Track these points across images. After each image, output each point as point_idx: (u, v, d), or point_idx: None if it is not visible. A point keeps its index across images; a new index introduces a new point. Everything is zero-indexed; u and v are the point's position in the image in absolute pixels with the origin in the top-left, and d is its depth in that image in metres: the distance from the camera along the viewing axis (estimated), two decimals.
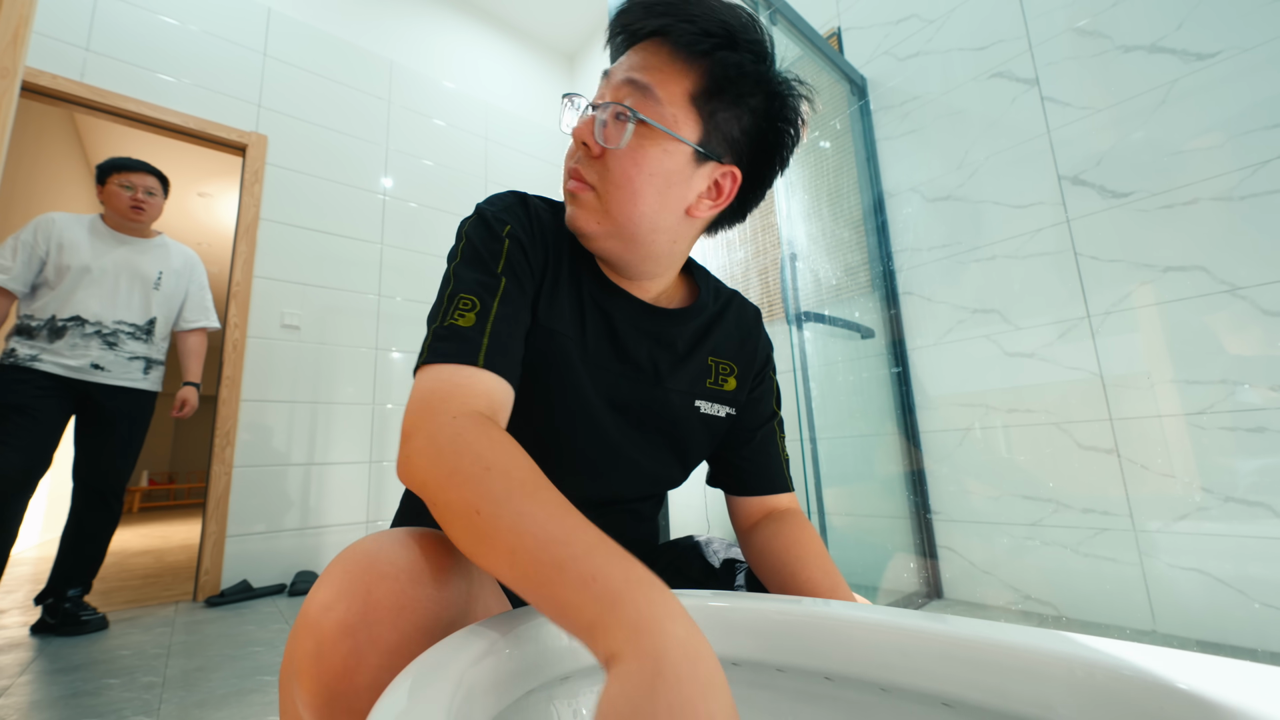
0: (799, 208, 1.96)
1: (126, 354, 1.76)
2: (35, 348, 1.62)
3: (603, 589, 0.28)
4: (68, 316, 1.67)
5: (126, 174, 1.78)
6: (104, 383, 1.71)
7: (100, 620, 1.70)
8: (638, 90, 0.48)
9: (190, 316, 1.95)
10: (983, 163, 1.75)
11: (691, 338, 0.59)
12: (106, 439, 1.73)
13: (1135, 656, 0.28)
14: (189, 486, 7.93)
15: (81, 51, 2.13)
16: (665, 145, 0.48)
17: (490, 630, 0.32)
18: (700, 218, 0.53)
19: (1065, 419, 1.52)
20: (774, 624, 0.39)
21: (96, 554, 1.73)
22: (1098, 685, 0.28)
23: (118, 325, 1.75)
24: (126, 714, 1.12)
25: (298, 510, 2.34)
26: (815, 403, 1.54)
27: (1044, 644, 0.30)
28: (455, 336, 0.43)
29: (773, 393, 0.67)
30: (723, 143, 0.50)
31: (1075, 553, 1.48)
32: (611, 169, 0.48)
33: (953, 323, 1.77)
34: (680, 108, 0.48)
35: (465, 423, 0.38)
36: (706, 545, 0.65)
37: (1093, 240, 1.51)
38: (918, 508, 1.78)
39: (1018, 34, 1.70)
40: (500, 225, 0.51)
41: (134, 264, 1.79)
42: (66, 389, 1.66)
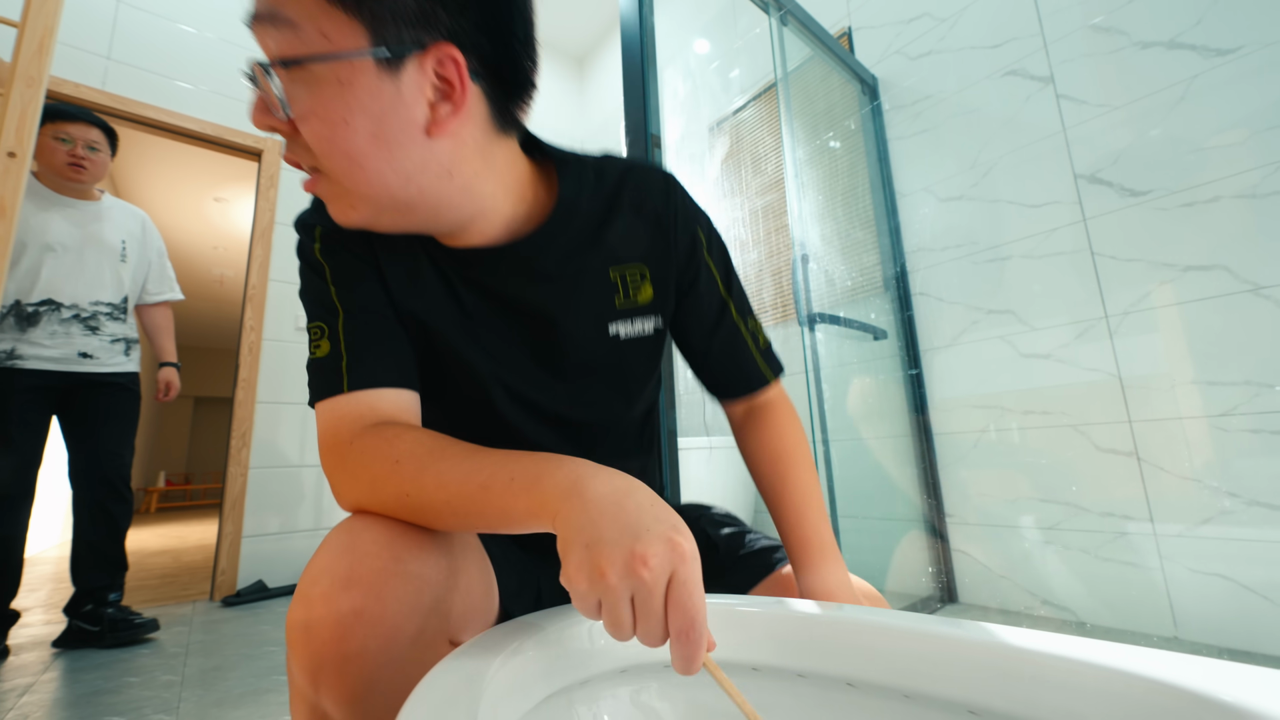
0: (811, 209, 1.95)
1: (109, 337, 1.60)
2: (6, 340, 1.45)
3: (524, 481, 0.33)
4: (38, 300, 1.49)
5: (63, 124, 1.52)
6: (93, 371, 1.57)
7: (153, 623, 1.59)
8: (273, 28, 0.36)
9: (154, 289, 1.77)
10: (997, 162, 1.73)
11: (569, 255, 0.48)
12: (104, 430, 1.60)
13: (1177, 667, 0.28)
14: (205, 487, 8.05)
15: (103, 60, 2.17)
16: (338, 74, 0.35)
17: (512, 633, 0.33)
18: (452, 130, 0.39)
19: (1083, 421, 1.50)
20: (795, 629, 0.38)
21: (121, 551, 1.61)
22: (1136, 697, 0.27)
23: (95, 307, 1.58)
24: (147, 712, 1.13)
25: (311, 511, 2.36)
26: (828, 404, 1.53)
27: (1077, 652, 0.30)
28: (319, 371, 0.44)
29: (715, 278, 0.56)
30: (405, 21, 0.35)
31: (1094, 557, 1.45)
32: (312, 142, 0.38)
33: (967, 324, 1.75)
34: (322, 17, 0.35)
35: (362, 441, 0.40)
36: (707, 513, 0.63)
37: (1110, 239, 1.49)
38: (932, 511, 1.76)
39: (1032, 31, 1.69)
40: (310, 240, 0.47)
41: (95, 234, 1.60)
42: (51, 386, 1.52)
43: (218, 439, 10.01)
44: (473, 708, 0.25)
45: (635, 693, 0.39)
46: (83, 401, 1.58)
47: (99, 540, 1.58)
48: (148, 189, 4.64)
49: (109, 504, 1.59)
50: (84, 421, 1.59)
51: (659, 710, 0.40)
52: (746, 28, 2.68)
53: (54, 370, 1.51)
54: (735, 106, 2.71)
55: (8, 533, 1.46)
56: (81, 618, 1.54)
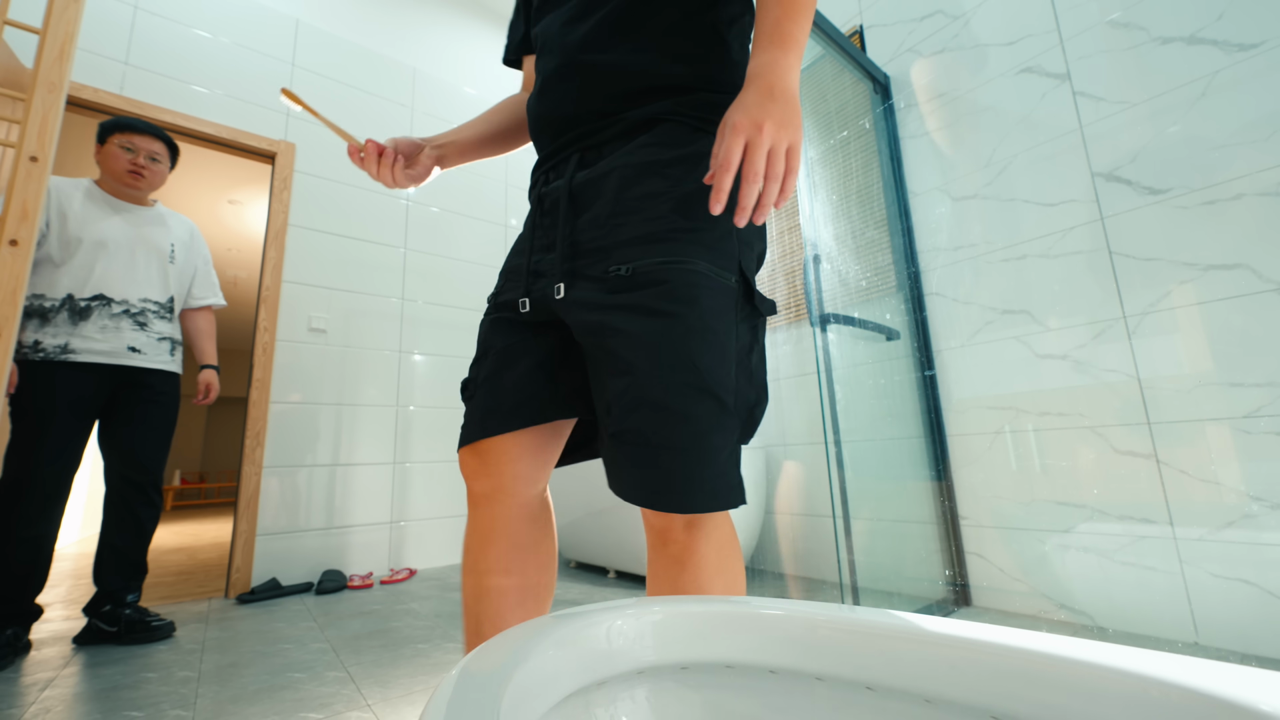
0: (822, 209, 1.94)
1: (156, 335, 1.66)
2: (61, 334, 1.50)
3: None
4: (90, 295, 1.55)
5: (130, 134, 1.64)
6: (141, 366, 1.62)
7: (169, 626, 1.62)
8: None
9: (199, 294, 1.83)
10: (1011, 160, 1.71)
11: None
12: (144, 427, 1.63)
13: (1206, 673, 0.27)
14: (219, 485, 8.16)
15: (121, 65, 2.21)
16: None
17: (529, 634, 0.33)
18: None
19: (1100, 422, 1.47)
20: (813, 631, 0.38)
21: (144, 556, 1.65)
22: (1163, 704, 0.27)
23: (144, 304, 1.64)
24: (164, 708, 1.15)
25: (324, 510, 2.38)
26: (840, 405, 1.52)
27: (1103, 658, 0.29)
28: None
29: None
30: None
31: (1112, 561, 1.43)
32: None
33: (981, 324, 1.73)
34: None
35: None
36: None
37: (1128, 238, 1.47)
38: (945, 513, 1.74)
39: (1048, 28, 1.66)
40: None
41: (146, 235, 1.67)
42: (100, 381, 1.56)
43: (232, 438, 10.15)
44: (494, 709, 0.25)
45: (652, 694, 0.39)
46: (126, 400, 1.62)
47: (124, 545, 1.62)
48: (164, 191, 4.71)
49: (138, 508, 1.63)
50: (126, 421, 1.62)
51: (676, 711, 0.40)
52: None
53: (104, 363, 1.55)
54: None
55: (42, 530, 1.47)
56: (100, 618, 1.58)
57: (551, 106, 0.65)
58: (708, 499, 0.53)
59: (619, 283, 0.57)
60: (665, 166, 0.58)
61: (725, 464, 0.54)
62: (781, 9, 0.54)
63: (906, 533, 1.73)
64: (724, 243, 0.57)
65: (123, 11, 2.25)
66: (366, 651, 1.46)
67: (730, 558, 0.58)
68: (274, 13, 2.63)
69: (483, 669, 0.28)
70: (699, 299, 0.54)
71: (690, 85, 0.61)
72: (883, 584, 1.61)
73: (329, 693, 1.20)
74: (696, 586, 0.55)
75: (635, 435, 0.54)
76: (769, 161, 0.49)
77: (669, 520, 0.56)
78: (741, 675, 0.38)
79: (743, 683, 0.39)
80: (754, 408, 0.59)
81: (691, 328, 0.54)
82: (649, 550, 0.59)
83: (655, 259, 0.56)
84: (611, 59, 0.61)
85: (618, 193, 0.59)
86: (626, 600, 0.38)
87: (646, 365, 0.54)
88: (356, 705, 1.13)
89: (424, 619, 1.76)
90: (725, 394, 0.54)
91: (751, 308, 0.60)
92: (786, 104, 0.51)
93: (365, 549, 2.45)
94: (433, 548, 2.64)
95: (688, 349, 0.53)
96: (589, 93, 0.63)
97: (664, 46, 0.61)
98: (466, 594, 0.67)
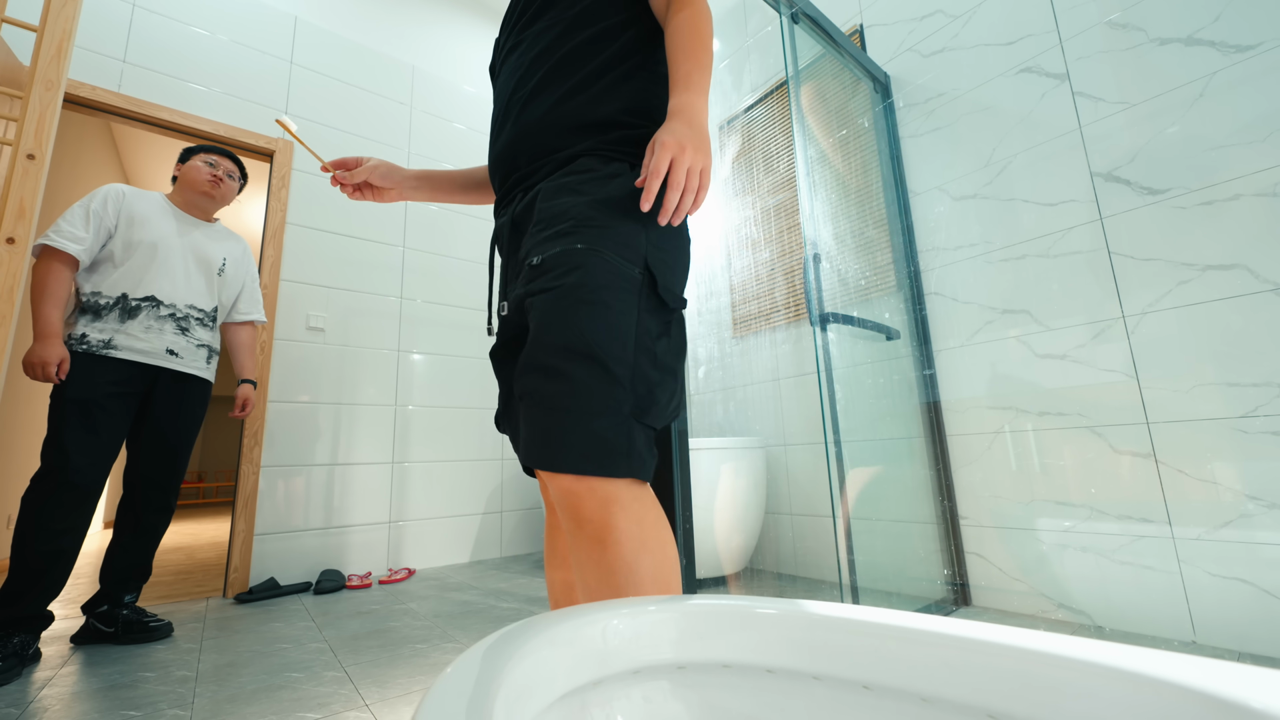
0: (822, 208, 1.94)
1: (195, 341, 1.70)
2: (107, 330, 1.54)
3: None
4: (141, 296, 1.60)
5: (213, 154, 1.79)
6: (176, 369, 1.65)
7: (167, 626, 1.63)
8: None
9: (244, 309, 1.88)
10: (1011, 160, 1.71)
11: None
12: (170, 431, 1.65)
13: (1202, 671, 0.27)
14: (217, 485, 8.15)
15: (119, 63, 2.20)
16: None
17: (525, 633, 0.32)
18: None
19: (1099, 422, 1.48)
20: (810, 631, 0.38)
21: (150, 562, 1.66)
22: (1159, 703, 0.27)
23: (189, 309, 1.69)
24: (162, 707, 1.15)
25: (322, 510, 2.38)
26: (840, 405, 1.52)
27: (1099, 656, 0.29)
28: None
29: None
30: None
31: (1110, 560, 1.43)
32: None
33: (981, 323, 1.73)
34: None
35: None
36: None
37: (1127, 239, 1.47)
38: (945, 513, 1.74)
39: (1047, 28, 1.67)
40: None
41: (200, 246, 1.73)
42: (138, 380, 1.58)
43: (228, 438, 10.13)
44: (488, 708, 0.25)
45: (648, 693, 0.39)
46: (156, 401, 1.64)
47: (134, 550, 1.63)
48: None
49: (152, 515, 1.65)
50: (153, 423, 1.64)
51: (671, 710, 0.39)
52: (758, 26, 2.67)
53: (141, 362, 1.59)
54: (746, 105, 2.70)
55: (72, 524, 1.46)
56: (98, 618, 1.58)
57: (498, 153, 0.78)
58: (585, 461, 0.56)
59: (531, 272, 0.66)
60: (579, 185, 0.68)
61: (607, 429, 0.57)
62: (690, 63, 0.67)
63: (906, 532, 1.73)
64: (630, 239, 0.64)
65: (121, 9, 2.24)
66: (365, 651, 1.46)
67: (654, 534, 0.59)
68: (272, 10, 2.62)
69: (477, 667, 0.28)
70: (586, 270, 0.61)
71: (607, 125, 0.72)
72: (882, 584, 1.61)
73: (327, 692, 1.20)
74: (623, 564, 0.57)
75: (525, 396, 0.61)
76: (688, 176, 0.61)
77: (577, 495, 0.58)
78: (739, 675, 0.38)
79: (740, 682, 0.39)
80: (655, 387, 0.62)
81: (579, 298, 0.60)
82: (568, 537, 0.61)
83: (558, 248, 0.63)
84: (542, 112, 0.73)
85: (540, 209, 0.69)
86: (622, 600, 0.38)
87: (537, 333, 0.62)
88: (354, 705, 1.13)
89: (423, 619, 1.75)
90: (610, 361, 0.59)
91: (659, 301, 0.65)
92: (703, 136, 0.63)
93: (364, 549, 2.45)
94: (431, 548, 2.64)
95: (573, 315, 0.60)
96: (525, 140, 0.74)
97: (585, 97, 0.72)
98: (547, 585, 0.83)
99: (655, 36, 0.78)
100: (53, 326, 1.47)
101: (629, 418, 0.59)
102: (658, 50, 0.78)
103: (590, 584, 0.59)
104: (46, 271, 1.49)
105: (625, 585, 0.57)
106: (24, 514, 1.42)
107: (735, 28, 2.83)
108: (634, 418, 0.60)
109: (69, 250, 1.51)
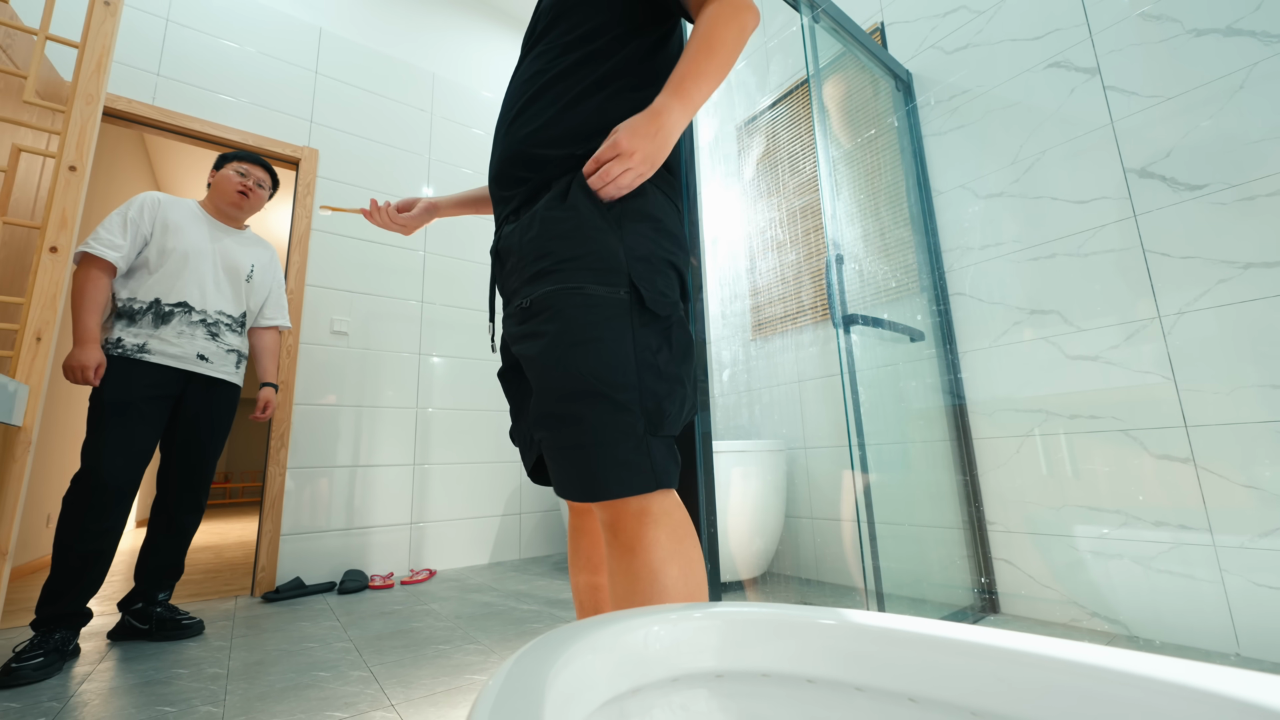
0: (845, 208, 1.92)
1: (225, 346, 1.74)
2: (141, 335, 1.58)
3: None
4: (174, 302, 1.64)
5: (245, 164, 1.82)
6: (206, 374, 1.69)
7: (199, 624, 1.68)
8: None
9: (270, 314, 1.92)
10: (1040, 157, 1.67)
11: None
12: (201, 434, 1.69)
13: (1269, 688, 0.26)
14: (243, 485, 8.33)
15: (153, 76, 2.27)
16: None
17: (568, 639, 0.32)
18: None
19: (1134, 425, 1.43)
20: (853, 641, 0.37)
21: (182, 561, 1.71)
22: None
23: (219, 315, 1.73)
24: (195, 703, 1.17)
25: (345, 510, 2.42)
26: (864, 407, 1.49)
27: (1164, 673, 0.28)
28: None
29: None
30: None
31: (1147, 568, 1.39)
32: None
33: (1008, 324, 1.69)
34: None
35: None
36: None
37: (1163, 236, 1.43)
38: (972, 518, 1.71)
39: (1076, 21, 1.63)
40: None
41: (229, 253, 1.78)
42: (171, 383, 1.62)
43: (254, 439, 10.35)
44: (537, 714, 0.24)
45: (686, 701, 0.39)
46: (188, 405, 1.68)
47: (167, 549, 1.68)
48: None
49: (183, 516, 1.69)
50: (184, 425, 1.68)
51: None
52: (783, 25, 2.66)
53: (173, 367, 1.63)
54: (766, 105, 2.69)
55: (110, 524, 1.50)
56: (133, 615, 1.63)
57: (490, 173, 0.80)
58: (619, 486, 0.61)
59: (522, 315, 0.68)
60: (552, 215, 0.68)
61: (630, 453, 0.61)
62: (690, 68, 0.66)
63: (932, 537, 1.70)
64: (609, 262, 0.65)
65: (155, 24, 2.32)
66: (389, 651, 1.48)
67: (683, 543, 0.63)
68: (298, 22, 2.68)
69: (524, 674, 0.28)
70: (572, 315, 0.63)
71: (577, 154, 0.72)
72: (908, 590, 1.58)
73: (353, 692, 1.21)
74: (649, 571, 0.60)
75: (547, 445, 0.65)
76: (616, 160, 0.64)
77: (614, 513, 0.62)
78: (778, 684, 0.37)
79: (779, 692, 0.38)
80: (663, 400, 0.64)
81: (571, 341, 0.62)
82: (605, 545, 0.65)
83: (545, 288, 0.65)
84: (523, 134, 0.74)
85: (520, 245, 0.71)
86: (662, 606, 0.38)
87: (540, 382, 0.65)
88: (380, 705, 1.14)
89: (445, 620, 1.77)
90: (615, 392, 0.61)
91: (651, 314, 0.65)
92: (659, 145, 0.64)
93: (385, 549, 2.48)
94: (452, 549, 2.66)
95: (569, 360, 0.62)
96: (507, 162, 0.75)
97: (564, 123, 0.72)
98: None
99: (656, 52, 0.77)
100: (91, 332, 1.51)
101: (644, 436, 0.62)
102: (656, 64, 0.77)
103: (619, 590, 0.62)
104: (85, 278, 1.54)
105: (651, 591, 0.60)
106: (65, 515, 1.46)
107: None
108: (649, 434, 0.63)
109: (107, 257, 1.56)
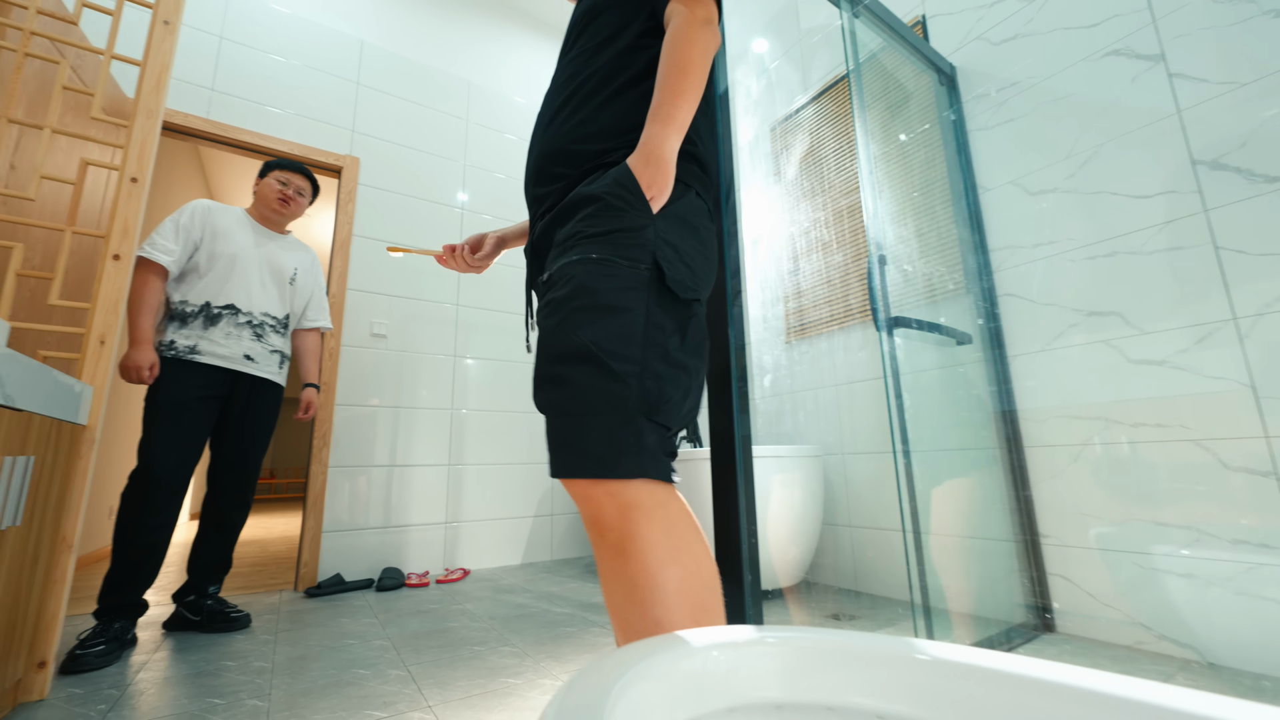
0: (886, 208, 1.86)
1: (269, 347, 1.80)
2: (192, 336, 1.65)
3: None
4: (223, 304, 1.71)
5: (288, 172, 1.88)
6: (253, 374, 1.75)
7: (246, 618, 1.74)
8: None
9: (312, 316, 1.98)
10: (1097, 150, 1.58)
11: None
12: (247, 432, 1.75)
13: None
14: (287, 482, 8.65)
15: (208, 91, 2.38)
16: None
17: (625, 664, 0.31)
18: None
19: (1207, 435, 1.34)
20: (930, 674, 0.35)
21: (230, 554, 1.78)
22: None
23: (264, 317, 1.79)
24: (243, 697, 1.21)
25: (383, 509, 2.47)
26: (908, 413, 1.44)
27: None
28: None
29: None
30: None
31: (1221, 589, 1.29)
32: None
33: (1063, 326, 1.61)
34: None
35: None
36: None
37: (1237, 232, 1.33)
38: (1025, 530, 1.62)
39: (1138, 6, 1.53)
40: None
41: (274, 257, 1.85)
42: (220, 383, 1.69)
43: (298, 437, 10.75)
44: None
45: None
46: (235, 404, 1.75)
47: (217, 543, 1.75)
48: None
49: (231, 512, 1.77)
50: (232, 424, 1.74)
51: None
52: (826, 21, 2.60)
53: (221, 367, 1.69)
54: (804, 102, 2.64)
55: (165, 519, 1.58)
56: (185, 606, 1.71)
57: (526, 175, 0.82)
58: (596, 465, 0.54)
59: (542, 289, 0.69)
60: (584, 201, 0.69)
61: (617, 428, 0.55)
62: (667, 94, 0.67)
63: (982, 550, 1.62)
64: (637, 237, 0.63)
65: (210, 41, 2.42)
66: (425, 651, 1.50)
67: (683, 541, 0.55)
68: (341, 35, 2.77)
69: (584, 701, 0.26)
70: (586, 281, 0.61)
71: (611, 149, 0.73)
72: (955, 604, 1.51)
73: (391, 691, 1.23)
74: (646, 576, 0.53)
75: (542, 409, 0.62)
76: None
77: (595, 504, 0.56)
78: (843, 718, 0.35)
79: None
80: (665, 383, 0.59)
81: (576, 305, 0.60)
82: (593, 549, 0.60)
83: (567, 259, 0.64)
84: (554, 135, 0.76)
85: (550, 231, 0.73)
86: (720, 629, 0.36)
87: (539, 346, 0.64)
88: (418, 706, 1.15)
89: (479, 620, 1.78)
90: (610, 359, 0.57)
91: (671, 295, 0.63)
92: (659, 169, 0.65)
93: (421, 547, 2.52)
94: (485, 549, 2.70)
95: (569, 322, 0.60)
96: (541, 162, 0.77)
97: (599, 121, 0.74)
98: None
99: None
100: (145, 333, 1.59)
101: (636, 414, 0.56)
102: None
103: (615, 599, 0.55)
104: (141, 281, 1.62)
105: (649, 600, 0.53)
106: (123, 510, 1.54)
107: (790, 25, 2.77)
108: (643, 415, 0.57)
109: (161, 261, 1.63)
